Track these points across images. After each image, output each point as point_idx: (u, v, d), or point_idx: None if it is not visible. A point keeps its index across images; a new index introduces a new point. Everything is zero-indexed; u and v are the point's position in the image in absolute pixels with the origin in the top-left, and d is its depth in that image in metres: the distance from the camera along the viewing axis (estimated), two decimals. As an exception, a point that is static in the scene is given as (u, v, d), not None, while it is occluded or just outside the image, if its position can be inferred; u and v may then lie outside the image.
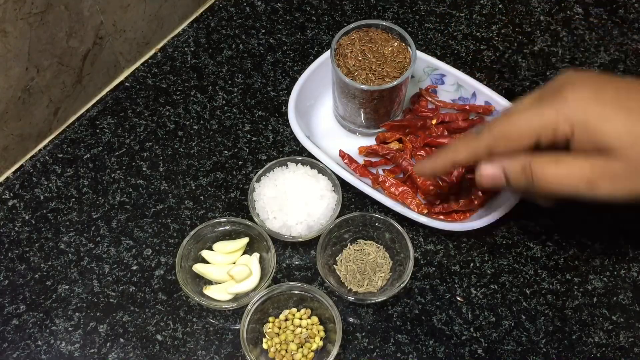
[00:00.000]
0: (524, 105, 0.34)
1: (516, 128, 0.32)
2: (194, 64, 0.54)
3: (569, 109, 0.31)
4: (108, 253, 0.45)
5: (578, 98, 0.31)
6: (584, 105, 0.31)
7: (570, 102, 0.31)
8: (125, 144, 0.50)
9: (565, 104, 0.31)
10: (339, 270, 0.44)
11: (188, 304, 0.43)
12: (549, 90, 0.32)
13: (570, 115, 0.31)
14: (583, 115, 0.31)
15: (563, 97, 0.31)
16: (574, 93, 0.31)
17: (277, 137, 0.50)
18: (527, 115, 0.32)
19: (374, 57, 0.46)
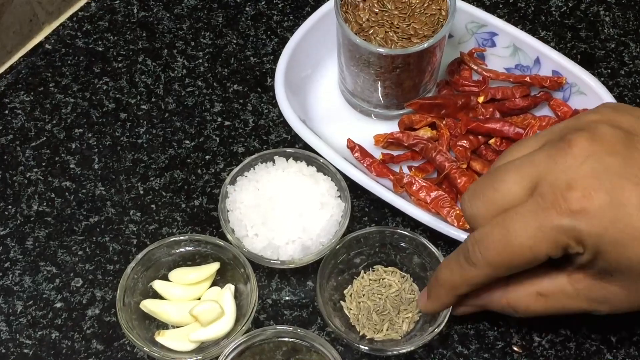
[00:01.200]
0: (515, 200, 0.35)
1: (520, 257, 0.34)
2: (143, 18, 0.54)
3: (578, 227, 0.33)
4: (21, 284, 0.46)
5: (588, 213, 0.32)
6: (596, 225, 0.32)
7: (579, 219, 0.33)
8: (46, 131, 0.50)
9: (574, 220, 0.33)
10: (347, 309, 0.44)
11: (134, 356, 0.44)
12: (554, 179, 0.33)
13: (579, 235, 0.33)
14: (594, 239, 0.33)
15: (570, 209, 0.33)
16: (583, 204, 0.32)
17: (260, 121, 0.51)
18: (530, 235, 0.34)
19: (396, 7, 0.46)
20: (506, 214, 0.34)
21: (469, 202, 0.36)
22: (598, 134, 0.34)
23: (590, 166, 0.33)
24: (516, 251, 0.34)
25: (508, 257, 0.34)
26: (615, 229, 0.32)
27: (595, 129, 0.34)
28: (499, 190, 0.35)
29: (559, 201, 0.33)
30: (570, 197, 0.32)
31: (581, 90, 0.49)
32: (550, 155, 0.34)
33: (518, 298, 0.37)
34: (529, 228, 0.33)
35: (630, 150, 0.33)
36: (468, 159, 0.47)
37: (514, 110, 0.49)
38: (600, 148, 0.33)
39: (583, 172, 0.33)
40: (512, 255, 0.34)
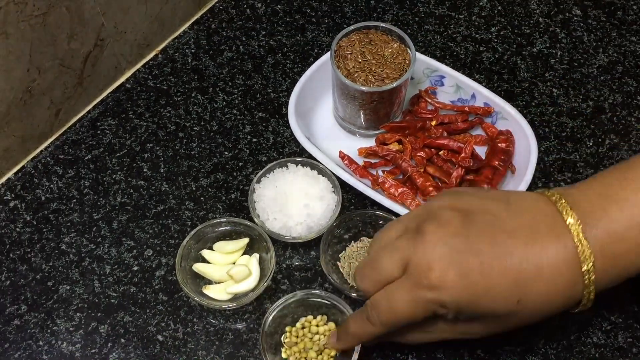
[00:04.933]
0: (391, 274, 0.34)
1: (403, 320, 0.34)
2: (195, 65, 0.54)
3: (440, 298, 0.32)
4: (109, 254, 0.46)
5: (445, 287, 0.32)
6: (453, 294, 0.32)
7: (438, 292, 0.32)
8: (126, 145, 0.50)
9: (437, 293, 0.32)
10: (342, 268, 0.44)
11: (189, 304, 0.43)
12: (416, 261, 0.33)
13: (442, 303, 0.33)
14: (454, 304, 0.33)
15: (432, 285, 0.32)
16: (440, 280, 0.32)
17: (278, 138, 0.50)
18: (406, 303, 0.33)
19: (374, 58, 0.46)
20: (389, 288, 0.34)
21: (360, 281, 0.36)
22: (442, 221, 0.33)
23: (440, 249, 0.32)
24: (399, 315, 0.34)
25: (394, 319, 0.34)
26: (466, 294, 0.32)
27: (440, 217, 0.33)
28: (378, 271, 0.35)
29: (423, 280, 0.32)
30: (430, 276, 0.32)
31: (504, 116, 0.49)
32: (410, 243, 0.33)
33: (416, 334, 0.37)
34: (405, 300, 0.33)
35: (467, 228, 0.33)
36: (424, 165, 0.47)
37: (457, 130, 0.49)
38: (446, 232, 0.33)
39: (436, 255, 0.32)
40: (397, 318, 0.34)
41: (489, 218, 0.33)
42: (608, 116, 0.51)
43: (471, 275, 0.32)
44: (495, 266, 0.32)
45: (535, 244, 0.32)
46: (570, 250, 0.32)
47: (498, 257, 0.32)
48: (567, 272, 0.32)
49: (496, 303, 0.32)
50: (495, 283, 0.32)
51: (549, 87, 0.53)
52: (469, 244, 0.32)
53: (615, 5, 0.57)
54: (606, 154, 0.49)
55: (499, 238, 0.32)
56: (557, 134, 0.50)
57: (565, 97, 0.52)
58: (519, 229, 0.32)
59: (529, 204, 0.34)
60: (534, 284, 0.32)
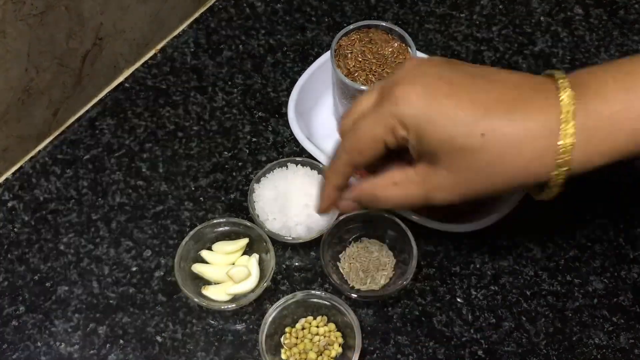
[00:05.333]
0: (367, 104, 0.33)
1: (363, 140, 0.33)
2: (194, 64, 0.54)
3: (400, 110, 0.30)
4: (108, 254, 0.45)
5: (408, 99, 0.30)
6: (413, 107, 0.30)
7: (401, 103, 0.31)
8: (125, 145, 0.50)
9: (396, 106, 0.31)
10: (342, 268, 0.44)
11: (188, 305, 0.43)
12: (387, 85, 0.32)
13: (402, 117, 0.31)
14: (413, 119, 0.31)
15: (395, 97, 0.31)
16: (404, 92, 0.30)
17: (277, 138, 0.50)
18: (368, 122, 0.32)
19: (374, 58, 0.46)
20: (356, 104, 0.34)
21: (341, 122, 0.35)
22: (426, 59, 0.33)
23: (413, 71, 0.31)
24: (361, 137, 0.32)
25: (357, 143, 0.33)
26: (428, 111, 0.30)
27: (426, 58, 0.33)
28: (356, 106, 0.34)
29: (388, 95, 0.31)
30: (396, 90, 0.31)
31: None
32: (391, 74, 0.33)
33: (379, 187, 0.34)
34: (370, 119, 0.32)
35: (449, 64, 0.32)
36: None
37: None
38: (424, 62, 0.32)
39: (408, 75, 0.31)
40: (358, 139, 0.32)
41: (475, 69, 0.32)
42: None
43: (437, 95, 0.30)
44: (465, 96, 0.30)
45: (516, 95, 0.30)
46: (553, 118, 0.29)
47: (471, 92, 0.30)
48: (541, 134, 0.29)
49: (457, 129, 0.30)
50: (461, 107, 0.30)
51: None
52: (444, 73, 0.31)
53: (617, 4, 0.57)
54: None
55: (478, 79, 0.30)
56: None
57: None
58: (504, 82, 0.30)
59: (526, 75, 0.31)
60: (503, 124, 0.29)
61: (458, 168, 0.31)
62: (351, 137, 0.33)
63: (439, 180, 0.32)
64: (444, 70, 0.31)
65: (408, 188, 0.33)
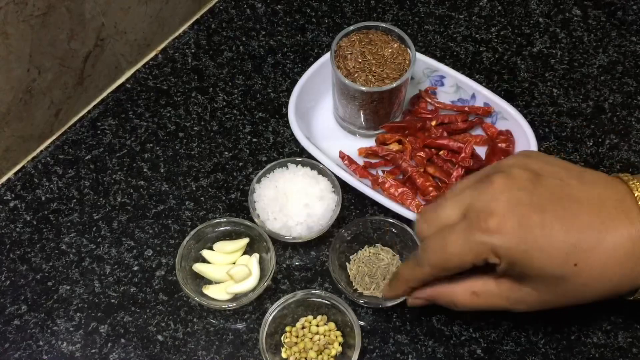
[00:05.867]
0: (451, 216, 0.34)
1: (452, 261, 0.34)
2: (195, 65, 0.54)
3: (494, 242, 0.32)
4: (109, 254, 0.46)
5: (503, 232, 0.32)
6: (508, 240, 0.32)
7: (495, 236, 0.32)
8: (126, 145, 0.50)
9: (490, 237, 0.32)
10: (350, 269, 0.44)
11: (189, 304, 0.44)
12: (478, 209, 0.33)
13: (495, 249, 0.32)
14: (507, 251, 0.32)
15: (489, 228, 0.32)
16: (499, 225, 0.32)
17: (278, 138, 0.50)
18: (458, 244, 0.33)
19: (374, 58, 0.46)
20: (444, 229, 0.34)
21: (420, 222, 0.36)
22: (512, 175, 0.33)
23: (505, 198, 0.32)
24: (449, 257, 0.33)
25: (444, 260, 0.34)
26: (523, 244, 0.32)
27: (510, 171, 0.33)
28: (439, 214, 0.35)
29: (481, 223, 0.32)
30: (490, 221, 0.32)
31: (504, 116, 0.49)
32: (477, 190, 0.33)
33: (458, 294, 0.36)
34: (459, 241, 0.33)
35: (536, 186, 0.33)
36: (424, 165, 0.47)
37: (457, 130, 0.49)
38: (513, 185, 0.32)
39: (500, 202, 0.32)
40: (446, 260, 0.34)
41: (559, 183, 0.33)
42: (608, 116, 0.51)
43: (531, 227, 0.31)
44: (557, 226, 0.31)
45: (602, 216, 0.31)
46: (637, 229, 0.31)
47: (561, 218, 0.31)
48: (630, 249, 0.31)
49: (551, 261, 0.31)
50: (554, 241, 0.31)
51: (549, 87, 0.53)
52: (534, 199, 0.32)
53: (615, 5, 0.57)
54: (606, 154, 0.50)
55: (566, 201, 0.32)
56: (557, 134, 0.50)
57: (565, 97, 0.52)
58: (588, 198, 0.32)
59: (601, 179, 0.33)
60: (594, 252, 0.31)
61: (547, 291, 0.33)
62: (438, 253, 0.34)
63: (524, 296, 0.34)
64: (534, 195, 0.32)
65: (489, 299, 0.35)
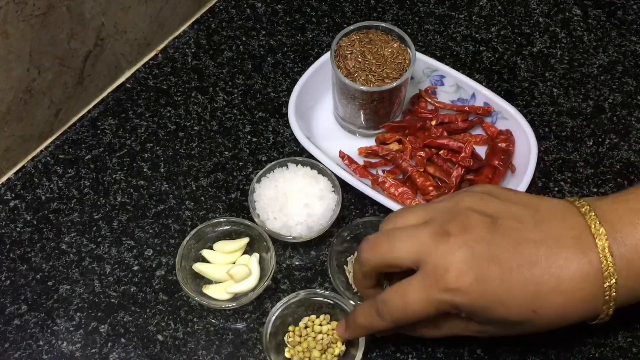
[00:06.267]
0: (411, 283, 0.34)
1: (414, 317, 0.34)
2: (195, 65, 0.54)
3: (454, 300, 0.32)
4: (109, 253, 0.46)
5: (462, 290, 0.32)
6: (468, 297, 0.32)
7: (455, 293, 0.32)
8: (127, 145, 0.50)
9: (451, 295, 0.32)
10: (348, 272, 0.43)
11: (189, 304, 0.44)
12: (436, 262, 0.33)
13: (456, 304, 0.33)
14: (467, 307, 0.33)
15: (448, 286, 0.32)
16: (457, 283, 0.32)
17: (278, 138, 0.50)
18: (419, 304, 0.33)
19: (374, 58, 0.46)
20: (402, 285, 0.34)
21: (366, 250, 0.35)
22: (469, 224, 0.33)
23: (462, 253, 0.32)
24: (411, 313, 0.34)
25: (406, 316, 0.34)
26: (482, 300, 0.32)
27: (467, 218, 0.33)
28: (390, 250, 0.34)
29: (439, 281, 0.32)
30: (447, 278, 0.32)
31: (504, 116, 0.49)
32: (433, 239, 0.33)
33: (426, 330, 0.37)
34: (420, 298, 0.33)
35: (493, 234, 0.32)
36: (424, 164, 0.47)
37: (457, 130, 0.49)
38: (470, 237, 0.32)
39: (457, 258, 0.32)
40: (409, 315, 0.34)
41: (515, 225, 0.33)
42: (608, 116, 0.51)
43: (489, 282, 0.32)
44: (515, 276, 0.32)
45: (560, 256, 0.32)
46: (595, 266, 0.32)
47: (519, 267, 0.32)
48: (588, 287, 0.32)
49: (511, 311, 0.32)
50: (513, 293, 0.32)
51: (549, 86, 0.53)
52: (491, 251, 0.32)
53: (615, 4, 0.57)
54: (606, 153, 0.50)
55: (523, 247, 0.32)
56: (557, 133, 0.50)
57: (565, 96, 0.52)
58: (544, 239, 0.32)
59: (558, 214, 0.33)
60: (553, 296, 0.32)
61: (509, 330, 0.34)
62: (400, 310, 0.34)
63: (486, 330, 0.35)
64: (491, 245, 0.32)
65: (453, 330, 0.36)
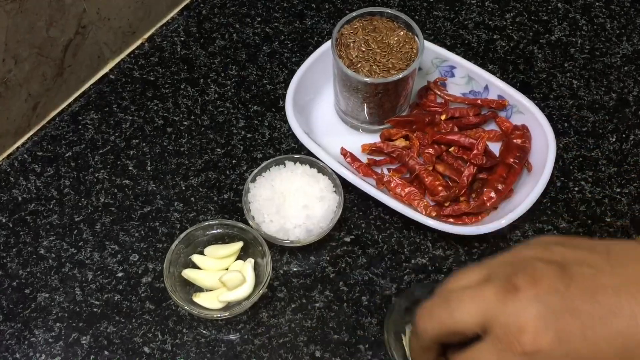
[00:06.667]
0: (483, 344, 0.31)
1: None
2: (184, 55, 0.53)
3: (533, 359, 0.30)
4: (91, 259, 0.45)
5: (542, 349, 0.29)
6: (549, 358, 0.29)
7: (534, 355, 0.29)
8: (110, 141, 0.50)
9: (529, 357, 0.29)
10: (406, 344, 0.39)
11: (178, 313, 0.43)
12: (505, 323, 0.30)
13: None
14: None
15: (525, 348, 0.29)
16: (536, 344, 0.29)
17: (274, 133, 0.50)
18: None
19: (379, 47, 0.45)
20: (472, 352, 0.31)
21: (426, 320, 0.32)
22: (537, 275, 0.30)
23: (535, 309, 0.30)
24: None
25: None
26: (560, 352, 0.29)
27: (534, 270, 0.30)
28: (452, 314, 0.31)
29: (514, 344, 0.30)
30: (524, 340, 0.29)
31: (520, 110, 0.48)
32: (499, 297, 0.30)
33: None
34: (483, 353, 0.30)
35: (565, 283, 0.30)
36: (433, 162, 0.46)
37: (469, 125, 0.48)
38: (541, 289, 0.30)
39: (530, 314, 0.29)
40: None
41: (589, 271, 0.30)
42: (632, 110, 0.50)
43: (572, 339, 0.29)
44: (599, 329, 0.29)
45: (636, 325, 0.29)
46: None
47: (602, 318, 0.29)
48: None
49: None
50: (599, 349, 0.29)
51: (568, 78, 0.52)
52: (567, 303, 0.30)
53: (640, -11, 0.56)
54: (630, 150, 0.49)
55: (602, 295, 0.30)
56: (577, 129, 0.49)
57: (586, 89, 0.52)
58: (625, 284, 0.30)
59: (631, 252, 0.31)
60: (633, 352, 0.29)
61: None
62: None
63: None
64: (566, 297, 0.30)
65: None
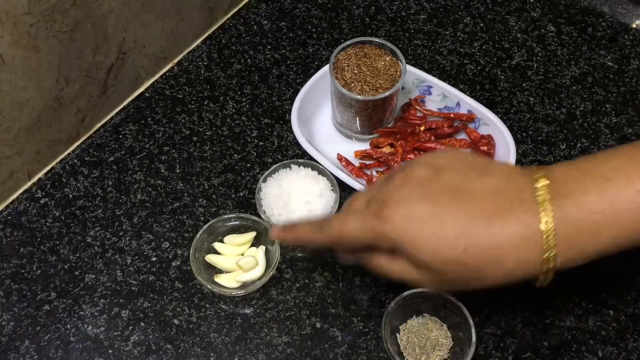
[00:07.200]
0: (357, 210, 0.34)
1: (347, 238, 0.33)
2: (207, 76, 0.54)
3: (385, 229, 0.31)
4: (130, 246, 0.45)
5: (393, 221, 0.31)
6: (398, 228, 0.31)
7: (386, 223, 0.31)
8: (145, 148, 0.50)
9: (382, 225, 0.31)
10: (400, 340, 0.40)
11: (202, 291, 0.43)
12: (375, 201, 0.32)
13: (386, 234, 0.31)
14: (397, 238, 0.31)
15: (381, 216, 0.31)
16: (390, 214, 0.31)
17: (282, 142, 0.50)
18: (355, 227, 0.33)
19: (369, 70, 0.45)
20: (346, 212, 0.35)
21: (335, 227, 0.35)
22: (411, 173, 0.32)
23: (400, 192, 0.32)
24: (345, 234, 0.33)
25: (339, 235, 0.34)
26: (410, 234, 0.30)
27: (411, 169, 0.32)
28: (351, 203, 0.35)
29: (376, 211, 0.32)
30: (382, 210, 0.31)
31: (486, 122, 0.48)
32: (379, 186, 0.34)
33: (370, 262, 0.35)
34: (356, 223, 0.33)
35: (431, 181, 0.31)
36: None
37: (443, 135, 0.49)
38: (410, 181, 0.32)
39: (394, 196, 0.32)
40: (342, 235, 0.34)
41: (456, 177, 0.31)
42: (579, 122, 0.51)
43: (417, 218, 0.30)
44: (445, 216, 0.29)
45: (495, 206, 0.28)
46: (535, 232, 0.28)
47: (451, 209, 0.29)
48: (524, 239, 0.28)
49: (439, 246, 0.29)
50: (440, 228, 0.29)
51: (526, 96, 0.53)
52: (426, 192, 0.31)
53: (586, 22, 0.57)
54: (577, 156, 0.49)
55: (459, 195, 0.30)
56: (533, 138, 0.50)
57: (541, 105, 0.52)
58: (484, 190, 0.29)
59: (506, 171, 0.30)
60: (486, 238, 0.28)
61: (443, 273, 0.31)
62: (337, 228, 0.34)
63: (423, 279, 0.32)
64: (426, 188, 0.31)
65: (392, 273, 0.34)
